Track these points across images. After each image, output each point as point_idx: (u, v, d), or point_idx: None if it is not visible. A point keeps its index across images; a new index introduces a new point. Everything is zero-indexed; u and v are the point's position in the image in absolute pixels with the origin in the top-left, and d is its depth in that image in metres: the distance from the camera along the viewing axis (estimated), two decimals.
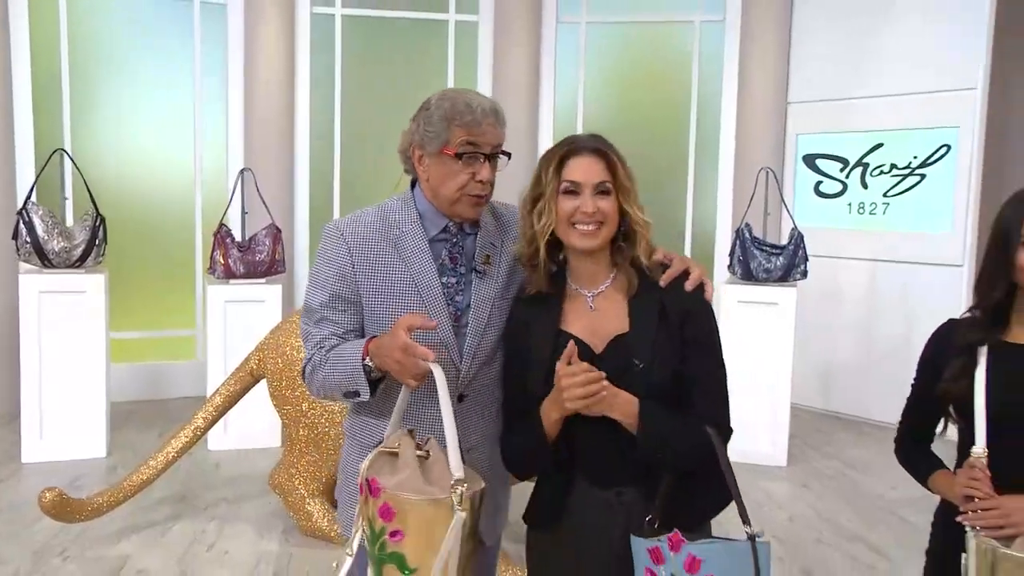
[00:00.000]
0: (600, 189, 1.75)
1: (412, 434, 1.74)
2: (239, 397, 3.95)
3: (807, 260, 5.00)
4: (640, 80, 6.94)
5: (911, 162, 5.81)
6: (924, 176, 5.76)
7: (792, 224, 5.10)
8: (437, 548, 1.61)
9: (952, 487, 1.86)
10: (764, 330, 4.94)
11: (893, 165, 5.91)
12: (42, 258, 4.67)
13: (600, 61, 6.88)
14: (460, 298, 1.91)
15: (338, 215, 5.64)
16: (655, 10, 6.74)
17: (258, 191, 5.34)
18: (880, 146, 5.97)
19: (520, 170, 1.86)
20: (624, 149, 1.83)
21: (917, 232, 5.79)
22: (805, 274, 5.01)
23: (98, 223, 4.79)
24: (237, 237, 5.24)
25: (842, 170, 6.18)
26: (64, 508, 3.47)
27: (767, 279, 4.99)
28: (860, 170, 6.09)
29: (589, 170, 1.75)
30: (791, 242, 4.98)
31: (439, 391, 1.67)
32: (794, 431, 5.16)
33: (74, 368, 4.76)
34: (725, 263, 5.31)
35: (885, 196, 5.97)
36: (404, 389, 1.77)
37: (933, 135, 5.69)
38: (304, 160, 6.52)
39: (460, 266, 1.92)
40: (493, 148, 1.88)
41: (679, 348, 1.75)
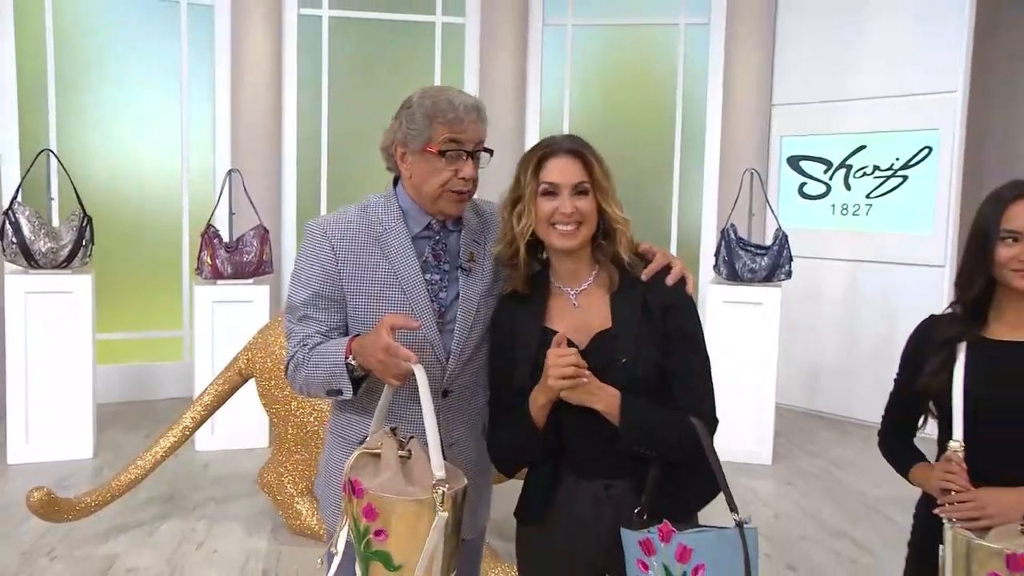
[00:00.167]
0: (578, 189, 1.78)
1: (394, 432, 1.75)
2: (228, 397, 3.95)
3: (791, 260, 5.05)
4: (626, 82, 6.99)
5: (893, 164, 5.88)
6: (906, 178, 5.83)
7: (777, 225, 5.15)
8: (421, 545, 1.63)
9: (931, 480, 1.89)
10: (749, 330, 4.99)
11: (876, 167, 5.98)
12: (28, 259, 4.66)
13: (586, 63, 6.92)
14: (444, 295, 1.92)
15: None
16: (641, 13, 6.79)
17: (246, 192, 5.34)
18: (863, 148, 6.04)
19: (507, 172, 1.88)
20: (610, 150, 1.86)
21: (899, 233, 5.86)
22: (790, 274, 5.06)
23: (85, 223, 4.78)
24: (225, 238, 5.24)
25: (826, 172, 6.24)
26: (52, 508, 3.47)
27: (752, 279, 5.04)
28: (843, 172, 6.15)
29: (566, 171, 1.78)
30: (776, 242, 5.03)
31: (421, 391, 1.68)
32: (779, 430, 5.21)
33: (60, 369, 4.75)
34: (710, 263, 5.36)
35: (868, 197, 6.04)
36: (387, 388, 1.79)
37: (915, 137, 5.76)
38: (291, 161, 6.52)
39: (444, 263, 1.93)
40: (475, 145, 1.88)
41: (662, 342, 1.78)
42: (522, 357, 1.83)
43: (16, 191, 4.73)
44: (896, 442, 2.09)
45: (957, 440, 1.82)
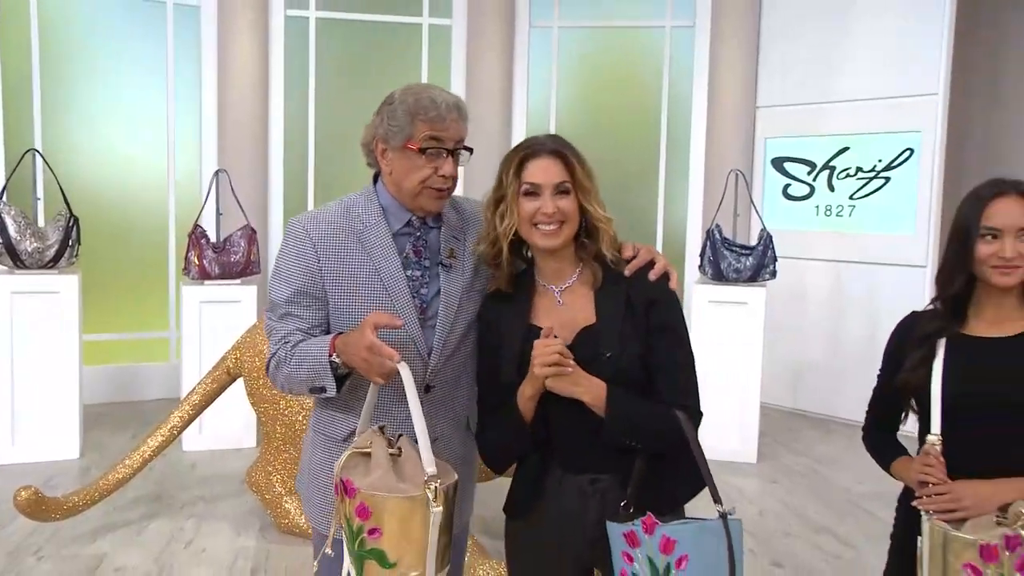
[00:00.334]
0: (560, 189, 1.80)
1: (383, 431, 1.76)
2: (216, 396, 3.95)
3: (776, 260, 5.10)
4: (611, 84, 7.03)
5: (876, 165, 5.95)
6: (889, 179, 5.89)
7: (761, 225, 5.19)
8: (415, 541, 1.65)
9: (910, 473, 1.92)
10: (734, 329, 5.03)
11: (859, 168, 6.04)
12: (14, 259, 4.65)
13: (572, 65, 6.95)
14: (425, 291, 1.93)
15: None
16: (627, 15, 6.83)
17: (233, 192, 5.34)
18: (846, 150, 6.10)
19: (494, 172, 1.90)
20: (596, 152, 1.88)
21: (882, 234, 5.92)
22: (774, 274, 5.11)
23: (71, 224, 4.77)
24: (212, 238, 5.23)
25: (809, 173, 6.30)
26: (39, 507, 3.46)
27: (737, 279, 5.08)
28: (827, 173, 6.21)
29: (548, 171, 1.80)
30: (760, 243, 5.08)
31: (407, 389, 1.70)
32: (763, 429, 5.25)
33: (47, 369, 4.73)
34: (696, 263, 5.40)
35: (851, 199, 6.10)
36: (372, 386, 1.80)
37: (897, 139, 5.82)
38: (278, 162, 6.52)
39: (424, 259, 1.94)
40: (456, 143, 1.90)
41: (646, 336, 1.80)
42: (508, 354, 1.85)
43: (1, 191, 4.72)
44: (879, 437, 2.12)
45: (935, 434, 1.86)
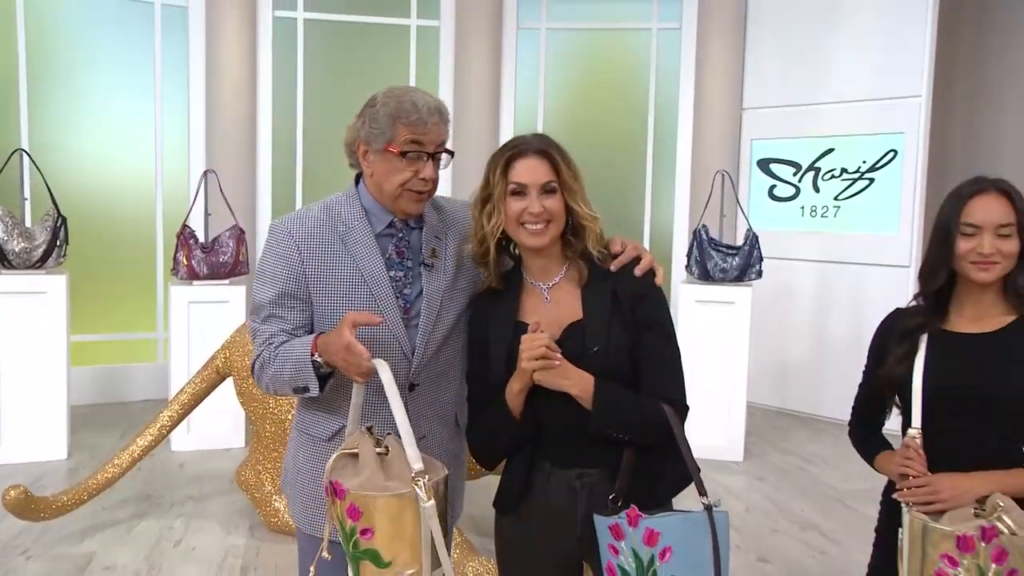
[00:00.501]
0: (546, 189, 1.82)
1: (371, 431, 1.77)
2: (205, 395, 3.96)
3: (762, 260, 5.14)
4: (599, 85, 7.07)
5: (860, 167, 6.00)
6: (873, 180, 5.95)
7: (747, 225, 5.23)
8: (408, 539, 1.66)
9: (891, 466, 1.96)
10: (721, 329, 5.07)
11: (844, 169, 6.10)
12: (1, 259, 4.64)
13: (560, 67, 6.99)
14: (408, 291, 1.95)
15: None
16: (613, 17, 6.87)
17: (222, 192, 5.35)
18: (831, 151, 6.16)
19: (481, 174, 1.92)
20: (583, 153, 1.91)
21: (866, 234, 5.98)
22: (760, 274, 5.15)
23: (59, 224, 4.76)
24: (200, 238, 5.24)
25: (795, 174, 6.36)
26: (28, 506, 3.46)
27: (723, 279, 5.12)
28: (812, 174, 6.27)
29: (534, 171, 1.82)
30: (746, 243, 5.12)
31: (386, 387, 1.70)
32: (750, 428, 5.30)
33: (34, 370, 4.72)
34: (683, 263, 5.44)
35: (836, 199, 6.15)
36: (356, 385, 1.81)
37: (881, 140, 5.88)
38: (267, 162, 6.53)
39: (407, 260, 1.96)
40: (437, 147, 1.90)
41: (633, 331, 1.83)
42: (497, 351, 1.88)
43: None
44: (864, 432, 2.15)
45: (915, 428, 1.90)
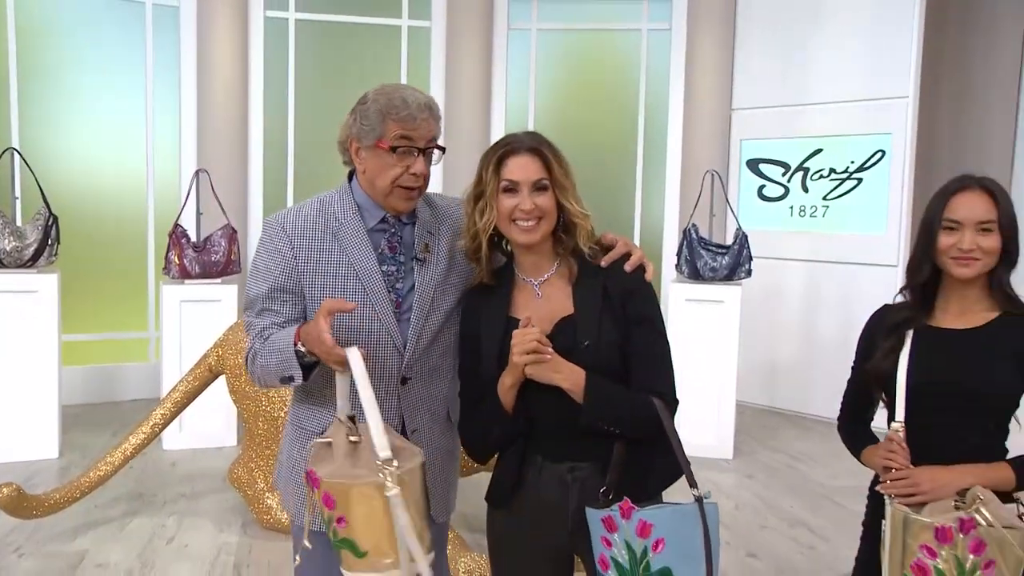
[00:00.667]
0: (538, 186, 1.85)
1: (353, 420, 1.78)
2: (197, 393, 3.98)
3: (751, 259, 5.18)
4: (589, 86, 7.11)
5: (848, 167, 6.05)
6: (861, 180, 6.00)
7: (737, 225, 5.27)
8: (381, 528, 1.65)
9: (875, 458, 2.00)
10: (710, 327, 5.11)
11: (832, 170, 6.15)
12: None
13: (550, 67, 7.02)
14: (400, 285, 1.97)
15: None
16: (603, 18, 6.91)
17: (213, 192, 5.35)
18: (819, 151, 6.21)
19: (472, 173, 1.95)
20: (573, 152, 1.93)
21: (854, 234, 6.03)
22: (750, 273, 5.19)
23: (50, 223, 4.76)
24: (192, 237, 5.24)
25: (784, 174, 6.40)
26: (21, 503, 3.46)
27: (713, 278, 5.16)
28: (801, 174, 6.32)
29: (526, 169, 1.85)
30: (736, 242, 5.15)
31: (355, 375, 1.70)
32: (739, 426, 5.33)
33: (25, 369, 4.72)
34: (673, 262, 5.47)
35: (824, 199, 6.20)
36: (338, 375, 1.81)
37: (869, 141, 5.93)
38: (258, 162, 6.53)
39: (399, 254, 1.98)
40: (427, 143, 1.93)
41: (623, 327, 1.86)
42: (488, 346, 1.90)
43: None
44: (851, 426, 2.19)
45: (899, 421, 1.94)
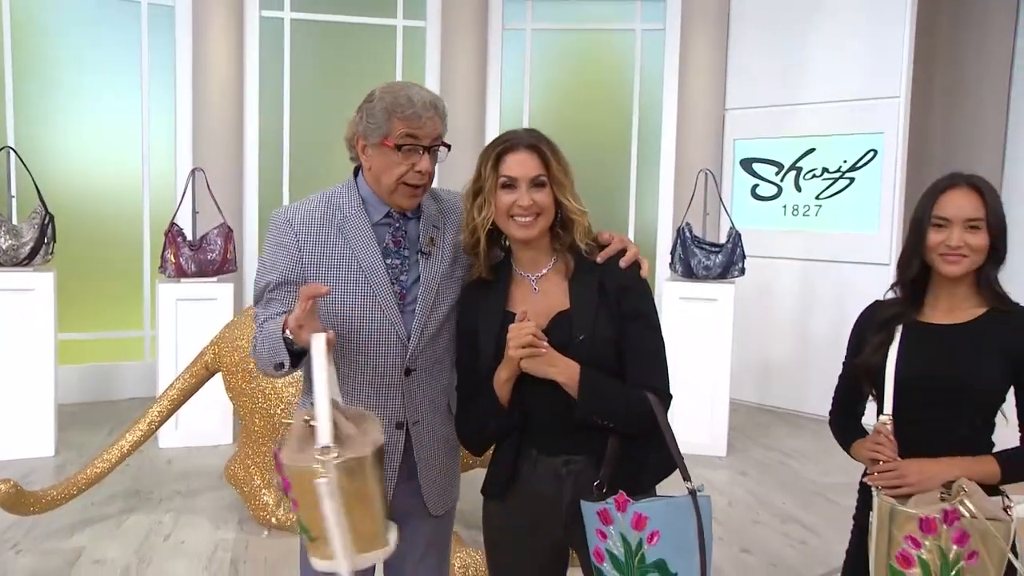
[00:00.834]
0: (536, 183, 1.87)
1: (335, 404, 1.75)
2: (194, 391, 3.99)
3: (745, 258, 5.21)
4: (584, 85, 7.14)
5: (841, 166, 6.09)
6: (853, 179, 6.04)
7: (730, 224, 5.30)
8: (323, 516, 1.63)
9: (863, 451, 2.04)
10: (704, 325, 5.14)
11: (825, 169, 6.19)
12: None
13: (545, 67, 7.05)
14: (404, 278, 2.00)
15: None
16: (598, 18, 6.94)
17: (209, 191, 5.37)
18: (812, 151, 6.25)
19: (469, 171, 1.97)
20: (568, 151, 1.96)
21: (847, 233, 6.07)
22: (743, 271, 5.22)
23: (47, 221, 4.77)
24: (188, 236, 5.26)
25: (777, 174, 6.44)
26: (18, 500, 3.47)
27: (707, 276, 5.19)
28: (794, 174, 6.35)
29: (524, 165, 1.88)
30: (729, 240, 5.19)
31: (314, 361, 1.69)
32: (732, 423, 5.36)
33: (21, 367, 4.74)
34: (667, 261, 5.50)
35: (817, 199, 6.24)
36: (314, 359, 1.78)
37: (861, 140, 5.97)
38: (253, 160, 6.55)
39: (404, 248, 2.01)
40: (432, 141, 1.95)
41: (618, 322, 1.89)
42: (485, 340, 1.93)
43: None
44: (842, 420, 2.22)
45: (887, 414, 1.97)
